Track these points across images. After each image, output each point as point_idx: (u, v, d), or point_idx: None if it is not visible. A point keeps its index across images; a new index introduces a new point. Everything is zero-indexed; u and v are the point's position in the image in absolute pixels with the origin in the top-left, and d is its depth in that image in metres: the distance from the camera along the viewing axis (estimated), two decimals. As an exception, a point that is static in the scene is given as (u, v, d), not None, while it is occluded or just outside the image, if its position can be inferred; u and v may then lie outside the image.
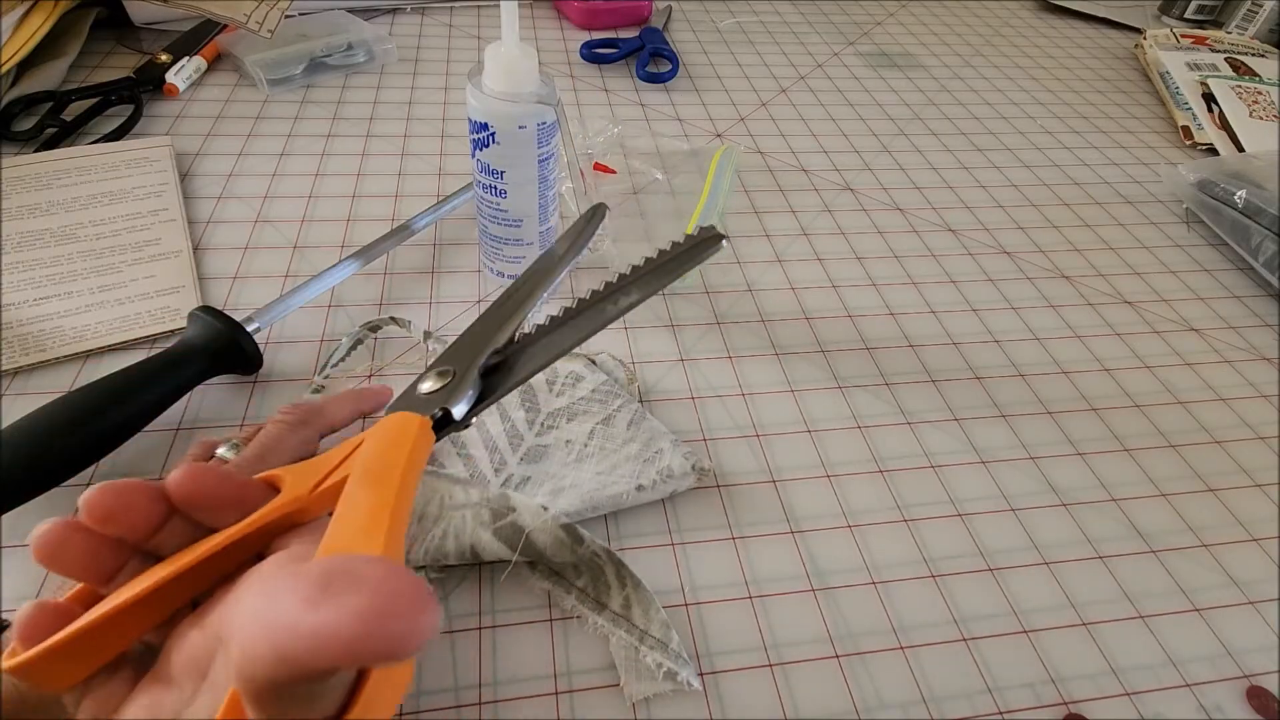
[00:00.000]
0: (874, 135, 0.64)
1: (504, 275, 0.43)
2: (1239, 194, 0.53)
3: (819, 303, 0.46)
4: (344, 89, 0.61)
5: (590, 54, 0.69)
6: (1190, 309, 0.49)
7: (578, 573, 0.30)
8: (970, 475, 0.37)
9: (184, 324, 0.37)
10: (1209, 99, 0.70)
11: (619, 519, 0.33)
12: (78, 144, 0.50)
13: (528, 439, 0.34)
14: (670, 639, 0.28)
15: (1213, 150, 0.66)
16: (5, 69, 0.51)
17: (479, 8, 0.77)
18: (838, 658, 0.29)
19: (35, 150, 0.49)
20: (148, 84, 0.56)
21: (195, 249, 0.44)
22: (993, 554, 0.34)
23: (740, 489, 0.35)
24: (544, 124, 0.36)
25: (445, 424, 0.23)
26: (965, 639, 0.31)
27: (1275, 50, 0.81)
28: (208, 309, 0.35)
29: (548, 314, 0.27)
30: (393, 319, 0.40)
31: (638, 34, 0.72)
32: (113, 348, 0.37)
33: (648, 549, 0.32)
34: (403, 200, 0.50)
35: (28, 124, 0.51)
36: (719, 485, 0.35)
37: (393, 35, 0.69)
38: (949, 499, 0.36)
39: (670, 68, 0.68)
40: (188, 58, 0.58)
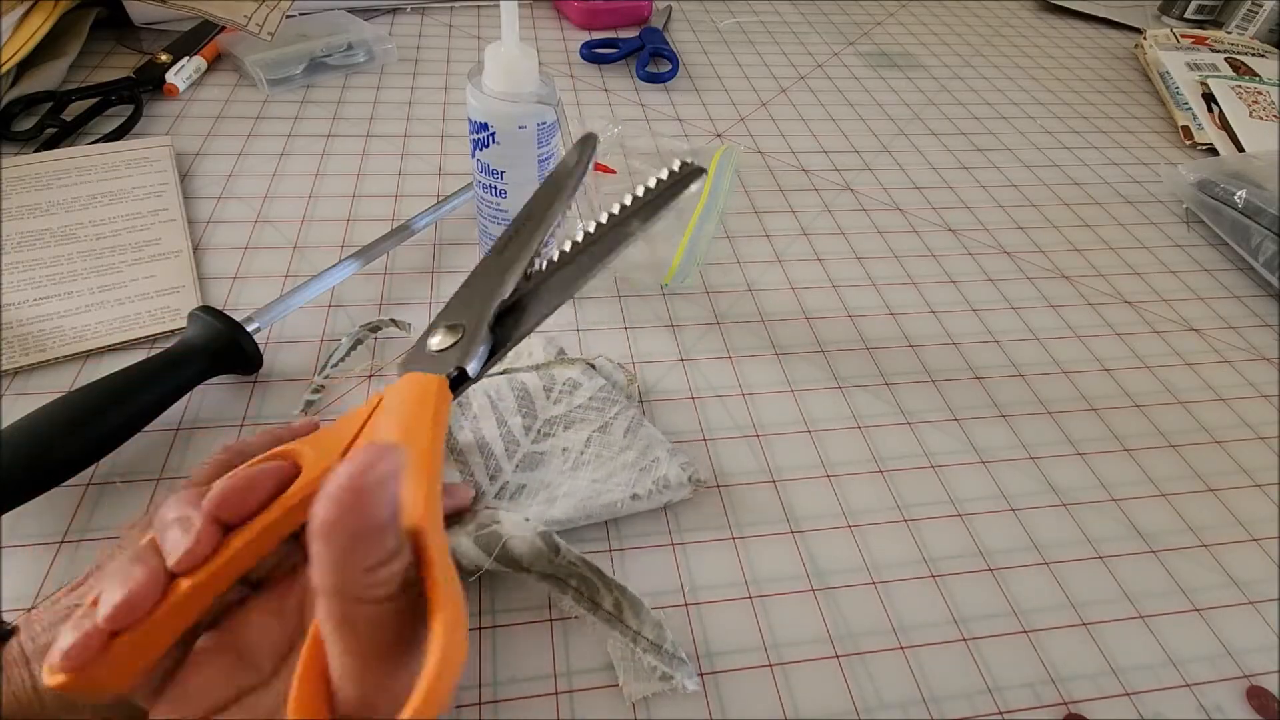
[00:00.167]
0: (874, 135, 0.64)
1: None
2: (1239, 194, 0.53)
3: (819, 303, 0.46)
4: (344, 89, 0.61)
5: (590, 54, 0.69)
6: (1190, 309, 0.49)
7: (567, 575, 0.30)
8: (970, 475, 0.37)
9: (184, 324, 0.37)
10: (1209, 99, 0.70)
11: (619, 519, 0.33)
12: (78, 144, 0.50)
13: (524, 446, 0.34)
14: (664, 640, 0.28)
15: (1213, 150, 0.66)
16: (5, 69, 0.51)
17: (479, 8, 0.77)
18: (838, 658, 0.29)
19: (35, 150, 0.49)
20: (148, 84, 0.56)
21: (195, 249, 0.44)
22: (993, 554, 0.34)
23: (740, 489, 0.35)
24: (544, 124, 0.36)
25: (461, 381, 0.22)
26: (965, 639, 0.31)
27: (1275, 50, 0.81)
28: (208, 309, 0.35)
29: (547, 255, 0.26)
30: (392, 320, 0.40)
31: (638, 34, 0.72)
32: (113, 348, 0.37)
33: (648, 550, 0.32)
34: (403, 200, 0.50)
35: (28, 124, 0.51)
36: (719, 485, 0.35)
37: (393, 35, 0.69)
38: (949, 499, 0.36)
39: (670, 68, 0.68)
40: (188, 58, 0.58)
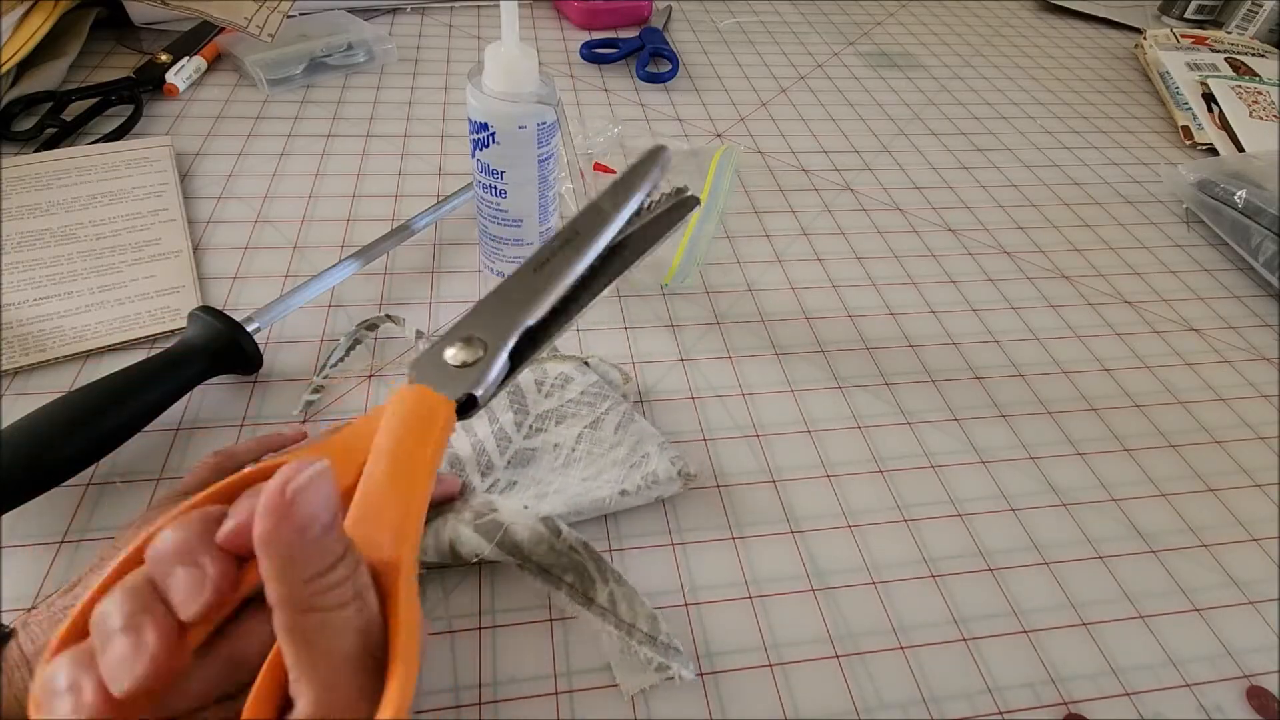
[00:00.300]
0: (874, 135, 0.64)
1: (504, 275, 0.43)
2: (1239, 194, 0.53)
3: (819, 303, 0.46)
4: (344, 89, 0.61)
5: (590, 54, 0.69)
6: (1190, 309, 0.49)
7: (564, 569, 0.30)
8: (970, 475, 0.37)
9: (184, 324, 0.37)
10: (1209, 99, 0.70)
11: (618, 519, 0.33)
12: (78, 144, 0.50)
13: (515, 441, 0.34)
14: (658, 631, 0.28)
15: (1213, 150, 0.66)
16: (5, 69, 0.51)
17: (479, 8, 0.77)
18: (838, 658, 0.29)
19: (35, 150, 0.49)
20: (148, 84, 0.56)
21: (195, 249, 0.44)
22: (993, 554, 0.34)
23: (740, 489, 0.35)
24: (544, 124, 0.36)
25: (468, 408, 0.22)
26: (965, 639, 0.31)
27: (1275, 50, 0.81)
28: (208, 309, 0.35)
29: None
30: (388, 317, 0.40)
31: (638, 34, 0.72)
32: (113, 348, 0.37)
33: (648, 549, 0.32)
34: (403, 200, 0.50)
35: (28, 124, 0.51)
36: (719, 485, 0.35)
37: (393, 35, 0.69)
38: (949, 499, 0.36)
39: (670, 68, 0.68)
40: (188, 58, 0.58)
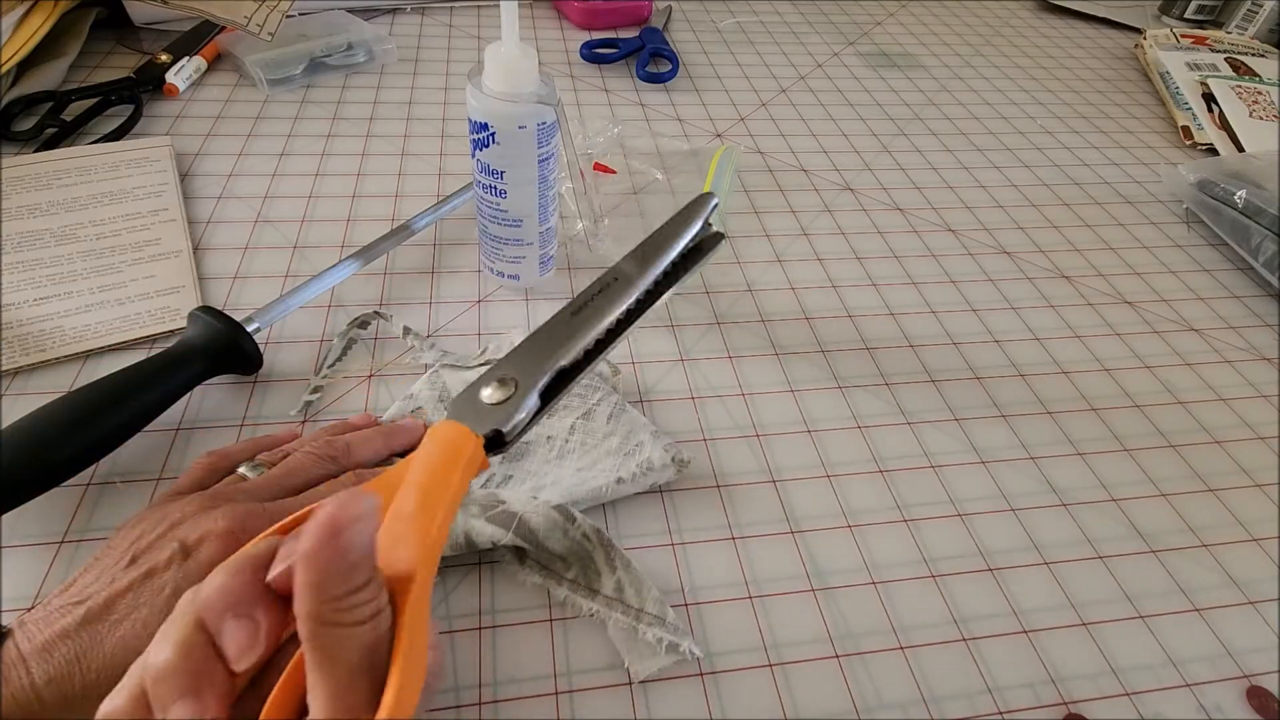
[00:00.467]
0: (874, 135, 0.63)
1: (504, 275, 0.43)
2: (1239, 194, 0.53)
3: (819, 303, 0.46)
4: (344, 89, 0.61)
5: (590, 54, 0.69)
6: (1190, 309, 0.49)
7: (566, 565, 0.30)
8: (970, 475, 0.37)
9: (184, 324, 0.37)
10: (1209, 99, 0.70)
11: (619, 519, 0.33)
12: (78, 144, 0.50)
13: None
14: (666, 613, 0.29)
15: (1213, 150, 0.66)
16: (5, 69, 0.51)
17: (479, 8, 0.77)
18: (838, 658, 0.29)
19: (35, 150, 0.49)
20: (148, 84, 0.56)
21: (195, 249, 0.44)
22: (993, 554, 0.34)
23: (740, 489, 0.35)
24: (544, 124, 0.36)
25: (497, 443, 0.22)
26: (965, 639, 0.31)
27: (1275, 50, 0.81)
28: (208, 309, 0.35)
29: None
30: (376, 313, 0.40)
31: (638, 34, 0.72)
32: (113, 348, 0.37)
33: (648, 549, 0.32)
34: (403, 200, 0.50)
35: (28, 124, 0.51)
36: (719, 485, 0.35)
37: (393, 35, 0.69)
38: (949, 499, 0.36)
39: (670, 68, 0.68)
40: (188, 58, 0.58)
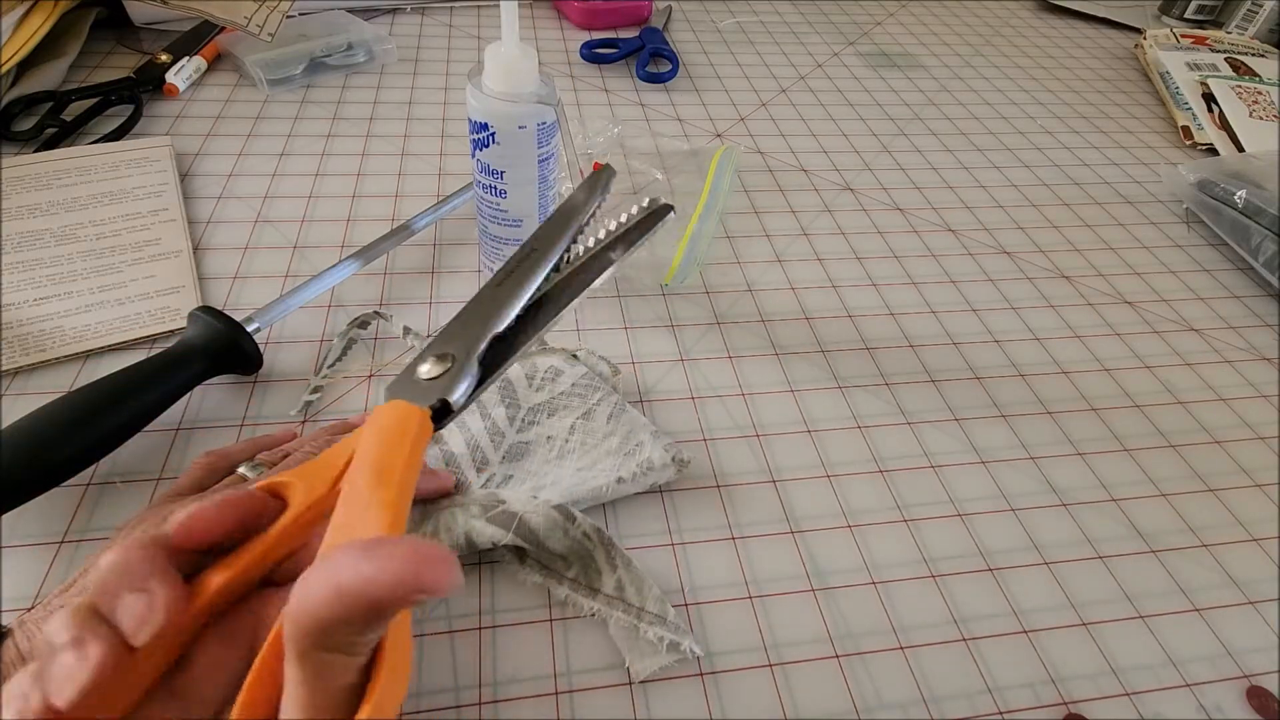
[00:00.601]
0: (874, 135, 0.63)
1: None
2: (1239, 194, 0.53)
3: (819, 303, 0.46)
4: (344, 89, 0.61)
5: (590, 54, 0.69)
6: (1190, 309, 0.49)
7: (567, 564, 0.30)
8: (970, 475, 0.37)
9: (184, 324, 0.37)
10: (1209, 99, 0.70)
11: (619, 519, 0.33)
12: (78, 144, 0.50)
13: (509, 436, 0.34)
14: (667, 612, 0.29)
15: (1213, 150, 0.66)
16: (5, 69, 0.51)
17: (479, 8, 0.77)
18: (838, 658, 0.29)
19: (35, 150, 0.49)
20: (148, 84, 0.56)
21: (195, 249, 0.44)
22: (993, 554, 0.34)
23: (740, 489, 0.35)
24: (544, 124, 0.36)
25: (444, 414, 0.22)
26: (965, 639, 0.31)
27: (1275, 50, 0.81)
28: (208, 309, 0.35)
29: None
30: (376, 313, 0.40)
31: (638, 34, 0.72)
32: (113, 348, 0.37)
33: (648, 549, 0.32)
34: (403, 200, 0.50)
35: (28, 124, 0.51)
36: (719, 485, 0.35)
37: (393, 35, 0.69)
38: (949, 499, 0.36)
39: (670, 68, 0.68)
40: (188, 58, 0.58)
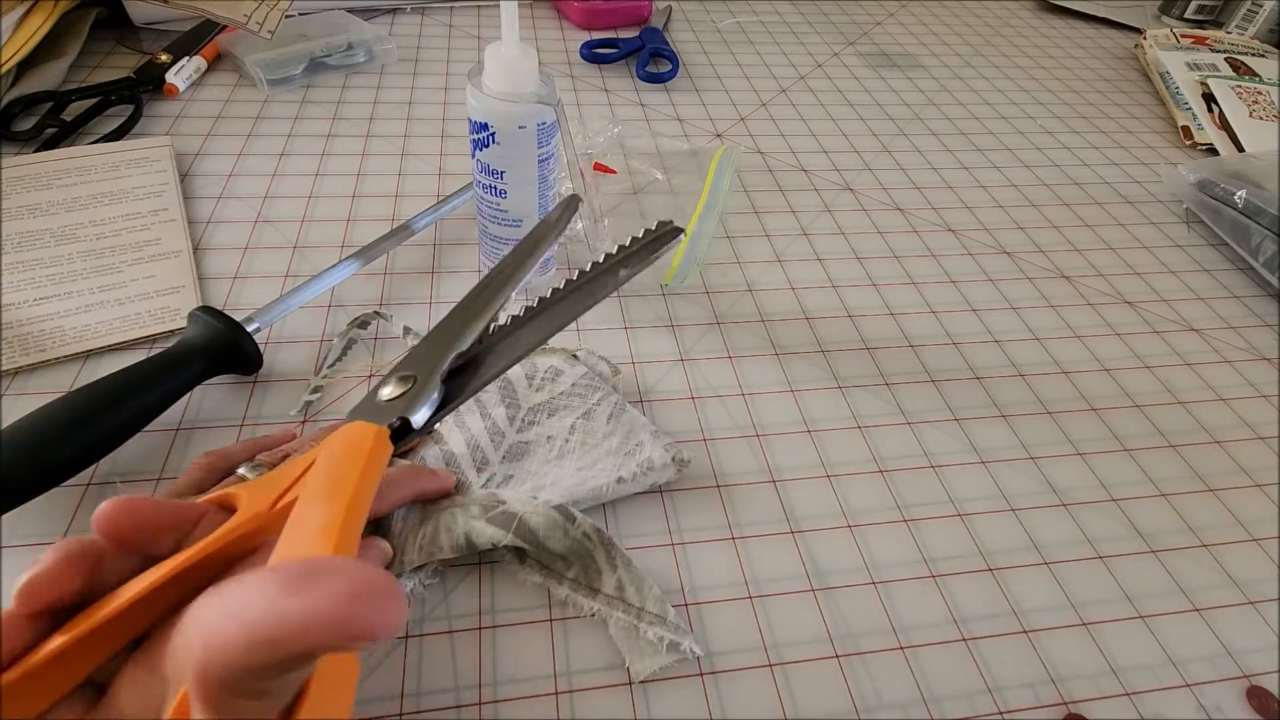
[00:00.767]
0: (874, 135, 0.63)
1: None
2: (1239, 194, 0.53)
3: (819, 303, 0.46)
4: (344, 89, 0.61)
5: (590, 54, 0.69)
6: (1190, 309, 0.49)
7: (567, 564, 0.30)
8: (970, 475, 0.37)
9: (184, 324, 0.37)
10: (1209, 99, 0.70)
11: (619, 519, 0.33)
12: (78, 144, 0.50)
13: (509, 436, 0.34)
14: (667, 612, 0.29)
15: (1213, 150, 0.66)
16: (5, 69, 0.51)
17: (479, 8, 0.77)
18: (838, 658, 0.29)
19: (35, 150, 0.49)
20: (148, 84, 0.56)
21: (195, 249, 0.44)
22: (993, 554, 0.34)
23: (740, 489, 0.35)
24: (544, 124, 0.36)
25: (404, 433, 0.22)
26: (965, 639, 0.31)
27: (1275, 50, 0.81)
28: (208, 309, 0.35)
29: (521, 306, 0.26)
30: (376, 313, 0.40)
31: (638, 34, 0.72)
32: (113, 348, 0.37)
33: (648, 549, 0.32)
34: (403, 200, 0.50)
35: (28, 124, 0.51)
36: (719, 485, 0.35)
37: (393, 35, 0.69)
38: (949, 499, 0.36)
39: (670, 68, 0.68)
40: (188, 58, 0.58)
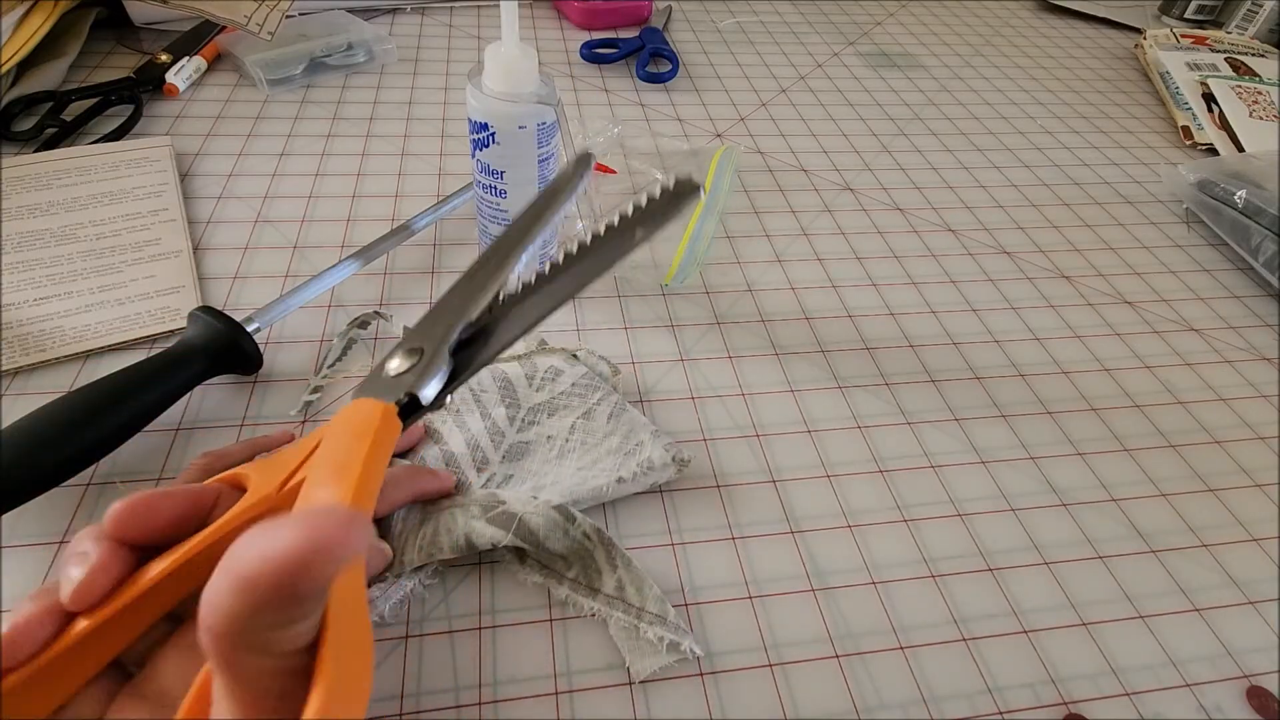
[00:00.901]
0: (874, 135, 0.63)
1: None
2: (1239, 194, 0.53)
3: (819, 303, 0.46)
4: (344, 89, 0.61)
5: (590, 54, 0.69)
6: (1190, 309, 0.49)
7: (568, 564, 0.30)
8: (970, 475, 0.37)
9: (184, 324, 0.37)
10: (1209, 99, 0.70)
11: (619, 518, 0.33)
12: (78, 144, 0.50)
13: (509, 436, 0.34)
14: (667, 612, 0.29)
15: (1213, 150, 0.66)
16: (5, 69, 0.51)
17: (479, 8, 0.77)
18: (838, 658, 0.29)
19: (35, 150, 0.49)
20: (148, 84, 0.56)
21: (195, 249, 0.44)
22: (993, 554, 0.34)
23: (740, 489, 0.35)
24: (544, 124, 0.36)
25: (412, 409, 0.22)
26: (965, 639, 0.31)
27: (1275, 50, 0.81)
28: (208, 309, 0.35)
29: (532, 271, 0.25)
30: (376, 313, 0.40)
31: (638, 34, 0.72)
32: (113, 348, 0.37)
33: (648, 549, 0.32)
34: (403, 200, 0.50)
35: (28, 124, 0.51)
36: (719, 485, 0.35)
37: (393, 35, 0.69)
38: (949, 499, 0.36)
39: (670, 68, 0.68)
40: (188, 58, 0.58)
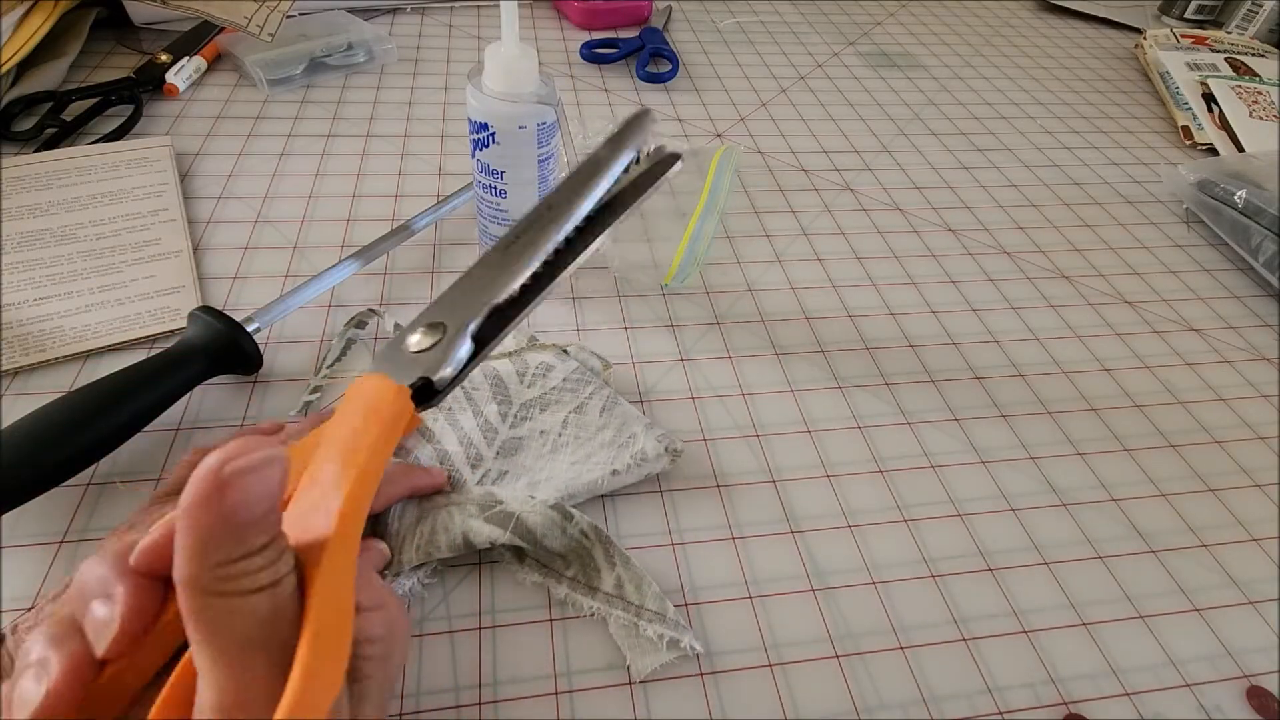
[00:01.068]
0: (874, 135, 0.63)
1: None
2: (1239, 194, 0.53)
3: (819, 303, 0.46)
4: (344, 89, 0.61)
5: (590, 54, 0.69)
6: (1190, 309, 0.49)
7: (566, 563, 0.30)
8: (970, 475, 0.37)
9: (184, 324, 0.37)
10: (1209, 99, 0.70)
11: (618, 518, 0.33)
12: (78, 144, 0.50)
13: (502, 432, 0.34)
14: (667, 610, 0.29)
15: (1213, 150, 0.66)
16: (5, 69, 0.51)
17: (479, 8, 0.77)
18: (838, 658, 0.29)
19: (35, 150, 0.49)
20: (148, 84, 0.56)
21: (195, 249, 0.44)
22: (993, 554, 0.34)
23: (740, 489, 0.35)
24: (544, 124, 0.36)
25: (426, 396, 0.21)
26: (965, 639, 0.31)
27: (1275, 50, 0.81)
28: (208, 309, 0.35)
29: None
30: (371, 311, 0.40)
31: (638, 34, 0.72)
32: (113, 348, 0.37)
33: (648, 549, 0.32)
34: (403, 200, 0.50)
35: (28, 124, 0.51)
36: (719, 485, 0.35)
37: (393, 35, 0.69)
38: (949, 499, 0.36)
39: (670, 68, 0.68)
40: (188, 58, 0.58)
